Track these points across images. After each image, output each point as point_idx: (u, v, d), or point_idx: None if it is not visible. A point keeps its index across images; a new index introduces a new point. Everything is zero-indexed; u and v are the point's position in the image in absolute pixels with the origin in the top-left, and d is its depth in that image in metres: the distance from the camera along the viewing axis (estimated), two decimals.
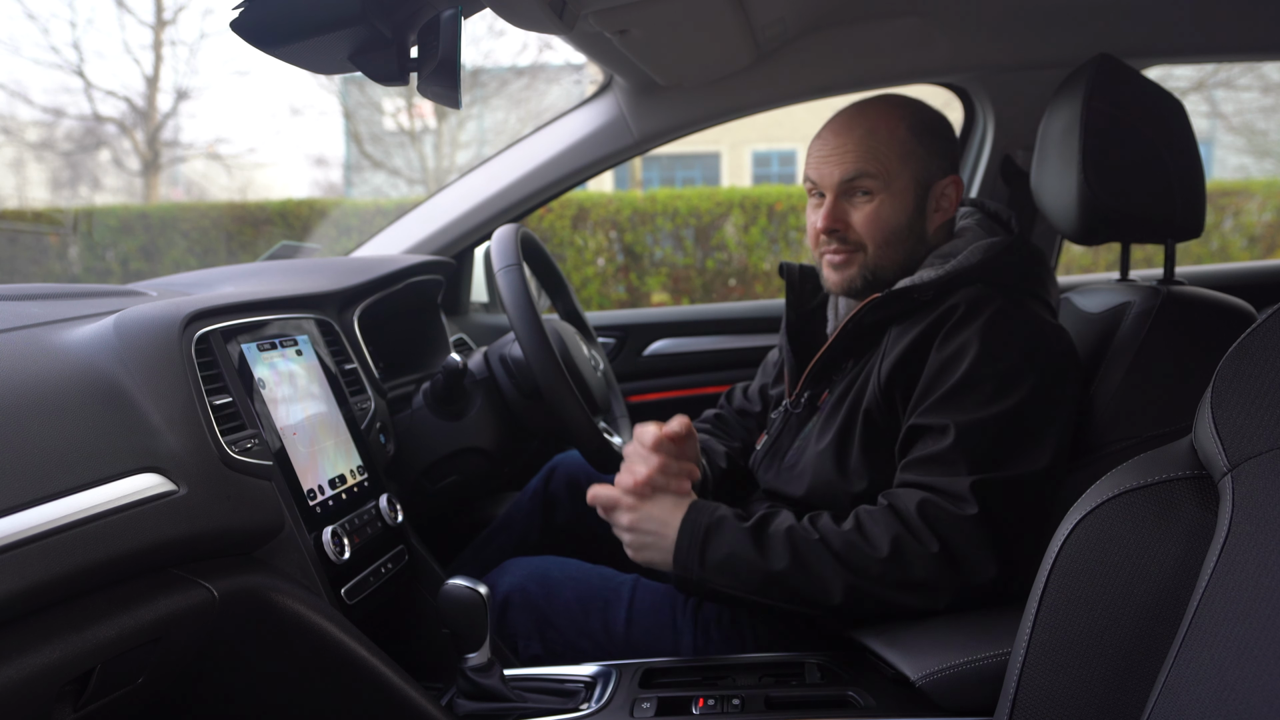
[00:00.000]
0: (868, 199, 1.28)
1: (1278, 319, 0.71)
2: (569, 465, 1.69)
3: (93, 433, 0.83)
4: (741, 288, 7.56)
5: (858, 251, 1.30)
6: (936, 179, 1.31)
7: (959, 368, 1.16)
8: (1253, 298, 1.38)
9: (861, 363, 1.30)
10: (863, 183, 1.28)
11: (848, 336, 1.30)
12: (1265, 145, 12.23)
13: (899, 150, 1.28)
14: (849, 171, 1.28)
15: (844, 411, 1.27)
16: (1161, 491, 0.74)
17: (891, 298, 1.25)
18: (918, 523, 1.12)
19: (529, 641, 1.29)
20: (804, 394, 1.37)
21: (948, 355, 1.18)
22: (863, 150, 1.27)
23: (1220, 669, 0.63)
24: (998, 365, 1.15)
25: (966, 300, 1.20)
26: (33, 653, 0.71)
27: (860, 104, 1.33)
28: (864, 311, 1.27)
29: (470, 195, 1.99)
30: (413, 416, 1.50)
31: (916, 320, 1.23)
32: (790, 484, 1.33)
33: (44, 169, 11.04)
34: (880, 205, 1.28)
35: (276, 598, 0.93)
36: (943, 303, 1.22)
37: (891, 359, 1.22)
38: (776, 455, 1.38)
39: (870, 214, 1.28)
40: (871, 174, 1.27)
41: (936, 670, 1.00)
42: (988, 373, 1.15)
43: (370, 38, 0.88)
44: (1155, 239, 1.38)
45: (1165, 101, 1.35)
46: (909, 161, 1.28)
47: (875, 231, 1.28)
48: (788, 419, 1.39)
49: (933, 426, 1.16)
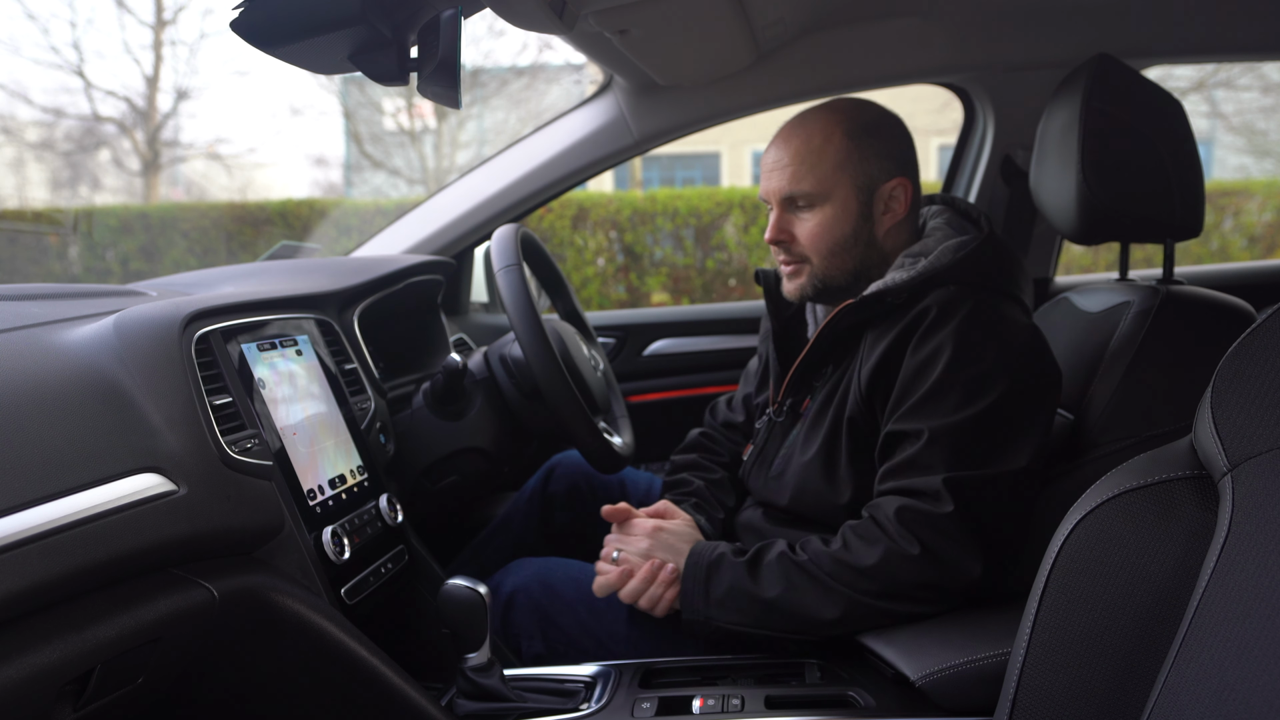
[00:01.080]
0: (809, 211, 1.28)
1: (1278, 319, 0.71)
2: (568, 465, 1.69)
3: (93, 433, 0.83)
4: (741, 288, 7.55)
5: (804, 263, 1.31)
6: (881, 182, 1.29)
7: (932, 373, 1.16)
8: (1253, 298, 1.38)
9: (841, 368, 1.30)
10: (802, 198, 1.28)
11: (824, 342, 1.30)
12: (1265, 145, 12.22)
13: (834, 159, 1.26)
14: (785, 188, 1.28)
15: (828, 420, 1.27)
16: (1161, 491, 0.74)
17: (865, 303, 1.25)
18: (896, 528, 1.13)
19: (532, 641, 1.30)
20: (786, 401, 1.37)
21: (921, 360, 1.18)
22: (798, 164, 1.27)
23: (1220, 669, 0.63)
24: (970, 369, 1.15)
25: (939, 303, 1.20)
26: (33, 653, 0.71)
27: (801, 115, 1.33)
28: (838, 317, 1.27)
29: (470, 195, 1.99)
30: (413, 416, 1.50)
31: (891, 324, 1.23)
32: (778, 493, 1.33)
33: (44, 169, 11.04)
34: (821, 218, 1.28)
35: (276, 598, 0.93)
36: (915, 305, 1.22)
37: (869, 366, 1.22)
38: (763, 464, 1.38)
39: (812, 228, 1.28)
40: (807, 190, 1.27)
41: (936, 670, 1.00)
42: (961, 377, 1.15)
43: (370, 38, 0.88)
44: (1154, 239, 1.38)
45: (1165, 101, 1.35)
46: (846, 169, 1.27)
47: (818, 243, 1.28)
48: (772, 428, 1.39)
49: (908, 432, 1.17)
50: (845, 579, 1.14)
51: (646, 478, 1.74)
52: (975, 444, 1.14)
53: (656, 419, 2.16)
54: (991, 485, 1.13)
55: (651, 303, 7.42)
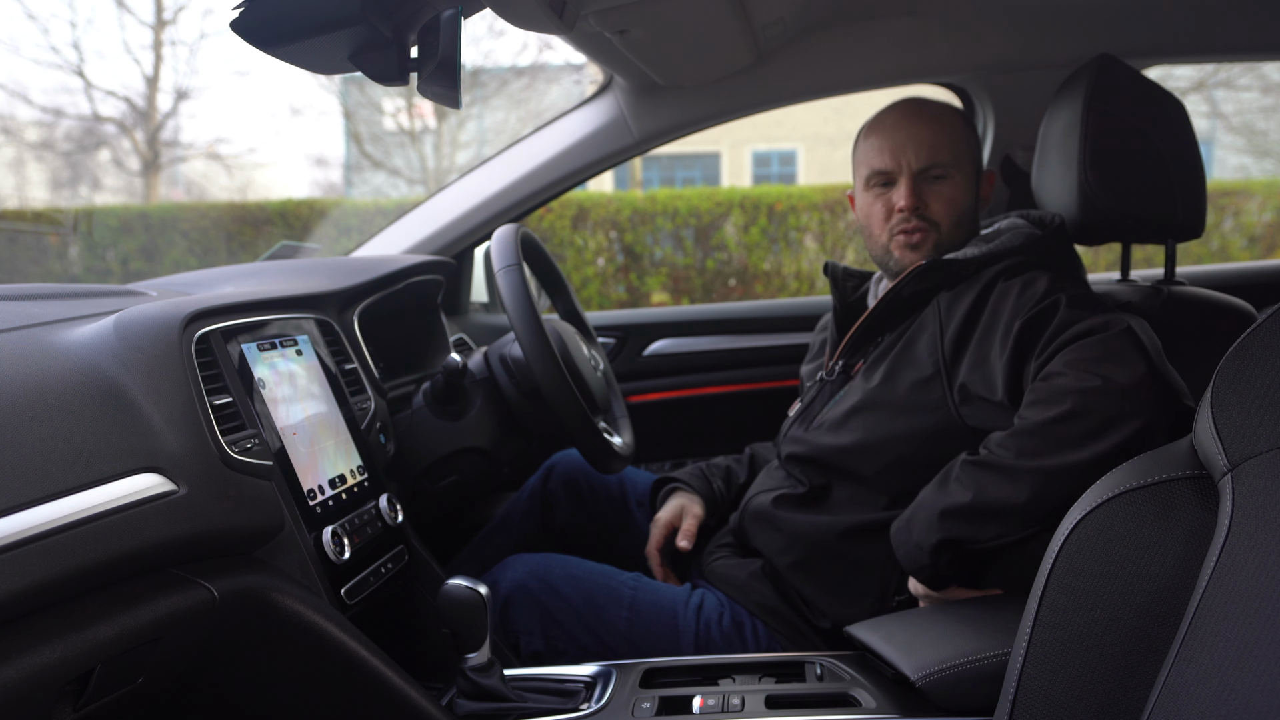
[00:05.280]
0: (943, 182, 1.38)
1: (1278, 319, 0.71)
2: (567, 464, 1.69)
3: (93, 433, 0.83)
4: (741, 288, 7.56)
5: (932, 230, 1.38)
6: (982, 166, 1.45)
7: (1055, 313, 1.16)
8: (1253, 298, 1.38)
9: (898, 333, 1.35)
10: (939, 169, 1.37)
11: (886, 307, 1.37)
12: (1265, 145, 12.23)
13: (964, 139, 1.41)
14: (929, 157, 1.37)
15: (882, 370, 1.32)
16: (1161, 491, 0.74)
17: (932, 268, 1.32)
18: (1074, 375, 1.09)
19: (531, 638, 1.30)
20: (839, 363, 1.43)
21: (1030, 296, 1.20)
22: (938, 139, 1.38)
23: (1220, 669, 0.63)
24: (1084, 293, 1.20)
25: (1008, 267, 1.28)
26: (33, 653, 0.71)
27: (917, 100, 1.44)
28: (904, 282, 1.35)
29: (470, 195, 1.99)
30: (413, 416, 1.50)
31: (966, 289, 1.29)
32: (820, 438, 1.35)
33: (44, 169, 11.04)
34: (954, 188, 1.38)
35: (276, 598, 0.93)
36: (984, 275, 1.29)
37: (956, 319, 1.26)
38: (807, 420, 1.42)
39: (947, 195, 1.38)
40: (947, 160, 1.38)
41: (936, 670, 1.00)
42: (1081, 298, 1.18)
43: (370, 38, 0.88)
44: (1156, 239, 1.38)
45: (1166, 101, 1.35)
46: (969, 149, 1.41)
47: (951, 211, 1.38)
48: (821, 387, 1.45)
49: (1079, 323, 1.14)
50: (1029, 448, 1.09)
51: (646, 477, 1.74)
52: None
53: (656, 419, 2.16)
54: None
55: (651, 303, 7.42)
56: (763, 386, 2.12)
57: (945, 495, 1.15)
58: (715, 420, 2.17)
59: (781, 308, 2.29)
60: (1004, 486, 1.10)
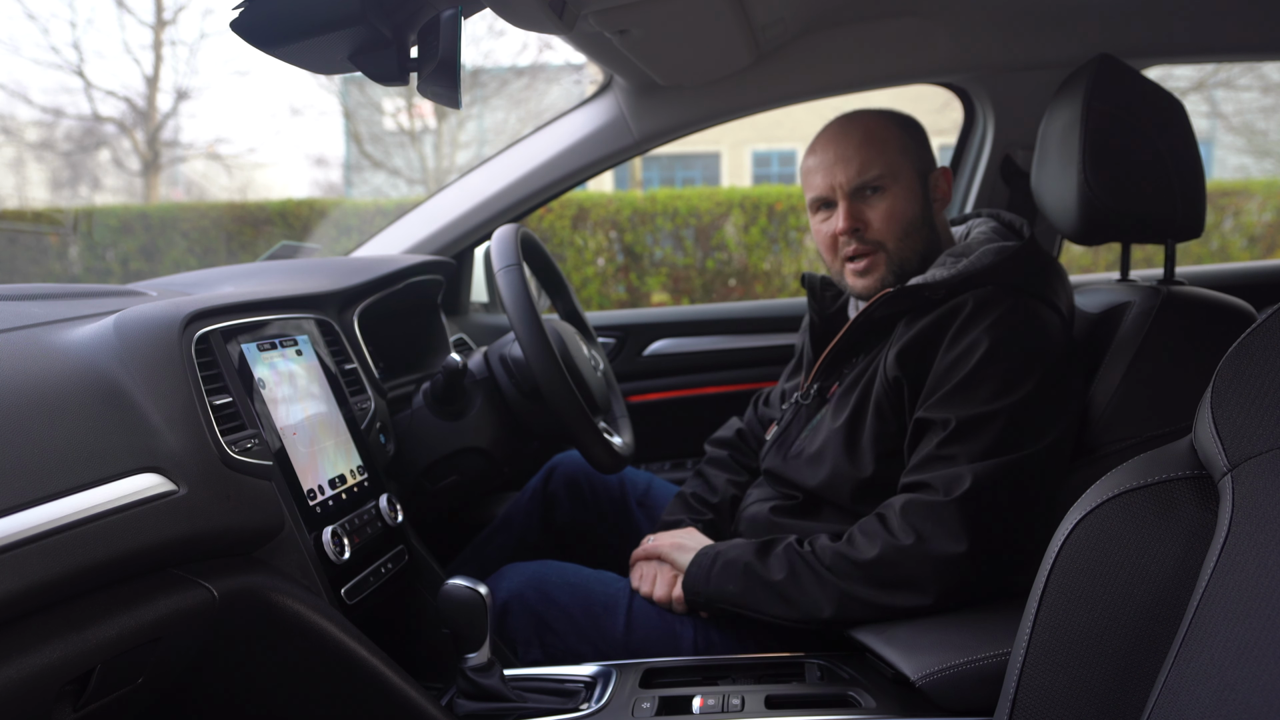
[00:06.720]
0: (880, 195, 1.33)
1: (1278, 319, 0.71)
2: (568, 465, 1.69)
3: (93, 433, 0.83)
4: (741, 288, 7.56)
5: (879, 251, 1.34)
6: (930, 168, 1.39)
7: (965, 366, 1.20)
8: (1253, 298, 1.38)
9: (870, 356, 1.34)
10: (873, 181, 1.33)
11: (858, 330, 1.35)
12: (1265, 145, 12.22)
13: (897, 146, 1.34)
14: (858, 173, 1.33)
15: (853, 400, 1.31)
16: (1161, 491, 0.74)
17: (903, 294, 1.29)
18: (899, 522, 1.16)
19: (528, 648, 1.29)
20: (814, 386, 1.41)
21: (957, 353, 1.21)
22: (866, 153, 1.33)
23: (1220, 669, 0.62)
24: (1002, 364, 1.19)
25: (976, 299, 1.24)
26: (33, 653, 0.71)
27: (847, 115, 1.39)
28: (874, 306, 1.31)
29: (470, 195, 1.99)
30: (413, 416, 1.50)
31: (924, 313, 1.27)
32: (795, 471, 1.36)
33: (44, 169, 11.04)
34: (894, 199, 1.33)
35: (276, 598, 0.93)
36: (952, 299, 1.26)
37: (898, 348, 1.26)
38: (784, 445, 1.41)
39: (885, 209, 1.33)
40: (880, 172, 1.32)
41: (936, 670, 1.00)
42: (993, 371, 1.19)
43: (370, 38, 0.88)
44: (1155, 239, 1.38)
45: (1165, 101, 1.35)
46: (907, 154, 1.35)
47: (893, 225, 1.33)
48: (797, 411, 1.43)
49: (935, 420, 1.20)
50: (842, 570, 1.17)
51: (646, 477, 1.74)
52: (1000, 434, 1.17)
53: (656, 419, 2.16)
54: (1012, 470, 1.16)
55: (651, 303, 7.42)
56: (762, 386, 2.12)
57: (763, 566, 1.22)
58: (715, 420, 2.16)
59: (781, 308, 2.29)
60: (812, 589, 1.19)
